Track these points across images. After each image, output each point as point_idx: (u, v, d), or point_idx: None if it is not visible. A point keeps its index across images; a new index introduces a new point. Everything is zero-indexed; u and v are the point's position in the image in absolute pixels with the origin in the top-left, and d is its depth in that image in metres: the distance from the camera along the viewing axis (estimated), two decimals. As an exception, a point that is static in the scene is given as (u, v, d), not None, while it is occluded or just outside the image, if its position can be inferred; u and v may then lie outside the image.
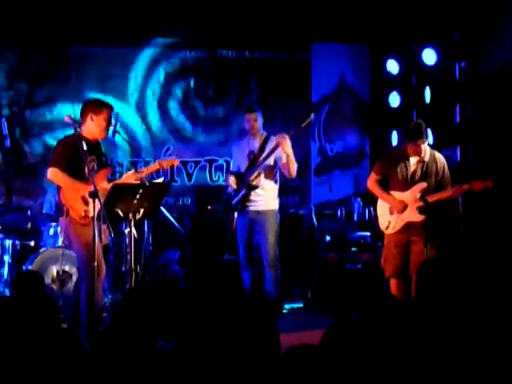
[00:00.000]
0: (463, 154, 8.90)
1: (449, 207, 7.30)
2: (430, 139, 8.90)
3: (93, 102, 6.77)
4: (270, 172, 7.59)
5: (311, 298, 8.74)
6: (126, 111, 9.79)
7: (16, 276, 7.60)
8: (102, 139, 6.72)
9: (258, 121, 7.65)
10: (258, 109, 7.75)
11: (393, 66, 9.75)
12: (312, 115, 7.45)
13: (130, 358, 3.47)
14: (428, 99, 9.25)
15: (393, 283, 6.95)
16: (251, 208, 7.57)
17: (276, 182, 7.67)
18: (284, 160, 7.47)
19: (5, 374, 3.42)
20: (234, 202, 7.60)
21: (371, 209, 8.99)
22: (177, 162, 7.17)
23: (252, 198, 7.54)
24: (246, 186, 7.53)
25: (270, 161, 7.54)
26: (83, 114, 6.58)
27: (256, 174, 7.53)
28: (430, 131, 8.90)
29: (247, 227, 7.63)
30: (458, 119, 9.00)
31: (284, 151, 7.37)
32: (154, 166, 6.85)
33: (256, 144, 7.68)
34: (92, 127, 6.53)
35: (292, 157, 7.43)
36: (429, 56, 9.09)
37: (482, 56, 8.62)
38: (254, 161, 7.62)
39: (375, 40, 10.09)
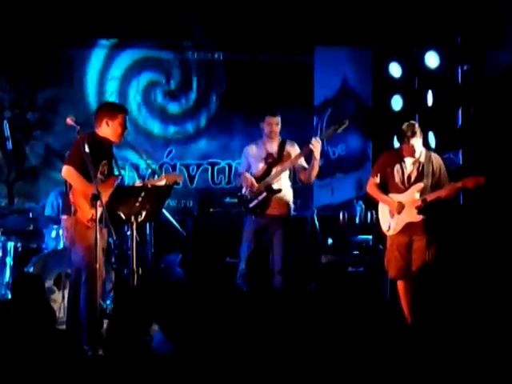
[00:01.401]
0: (465, 157, 8.89)
1: (450, 209, 7.30)
2: (433, 142, 8.92)
3: (108, 107, 6.77)
4: (289, 176, 7.58)
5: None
6: (135, 112, 9.81)
7: (14, 279, 7.59)
8: (117, 143, 6.72)
9: (279, 125, 7.61)
10: (279, 113, 7.69)
11: (395, 69, 9.74)
12: (347, 122, 7.41)
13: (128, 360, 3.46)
14: (430, 102, 9.25)
15: (399, 285, 7.03)
16: (269, 212, 7.52)
17: (292, 187, 7.66)
18: (305, 164, 7.47)
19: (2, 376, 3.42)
20: (252, 204, 7.53)
21: (373, 212, 8.99)
22: (181, 179, 7.17)
23: (271, 201, 7.50)
24: (267, 189, 7.48)
25: (291, 165, 7.53)
26: (98, 117, 6.58)
27: (278, 177, 7.50)
28: (432, 134, 8.93)
29: (261, 230, 7.57)
30: (460, 122, 8.99)
31: (314, 156, 7.34)
32: (159, 181, 6.86)
33: (274, 147, 7.63)
34: (107, 131, 6.54)
35: (318, 162, 7.42)
36: (431, 59, 9.09)
37: (484, 59, 8.61)
38: (273, 164, 7.57)
39: (378, 43, 10.08)
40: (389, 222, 7.03)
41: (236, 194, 7.94)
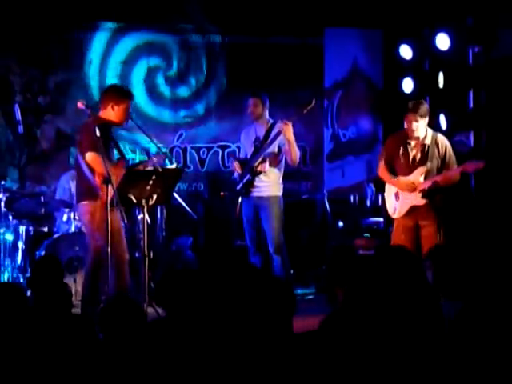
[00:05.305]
0: (477, 139, 8.87)
1: (462, 192, 7.30)
2: (444, 124, 8.89)
3: (116, 91, 6.74)
4: (275, 158, 7.62)
5: (324, 284, 8.76)
6: (138, 97, 9.76)
7: (36, 260, 7.57)
8: (119, 126, 6.76)
9: (258, 106, 7.65)
10: (261, 95, 7.73)
11: (406, 51, 9.69)
12: (313, 101, 7.48)
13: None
14: (441, 84, 9.21)
15: None
16: (255, 194, 7.63)
17: (280, 168, 7.68)
18: (286, 146, 7.49)
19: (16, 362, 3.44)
20: (238, 187, 7.66)
21: (384, 195, 8.99)
22: (164, 159, 7.24)
23: (256, 183, 7.60)
24: (250, 171, 7.59)
25: (275, 147, 7.58)
26: (104, 100, 6.60)
27: (260, 159, 7.56)
28: (443, 116, 8.90)
29: (252, 213, 7.68)
30: (471, 104, 8.96)
31: (286, 138, 7.38)
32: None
33: (262, 130, 7.71)
34: (111, 115, 6.55)
35: (294, 144, 7.44)
36: (442, 41, 9.04)
37: (495, 40, 8.58)
38: (259, 147, 7.66)
39: (388, 25, 10.04)
40: (394, 205, 7.03)
41: None
